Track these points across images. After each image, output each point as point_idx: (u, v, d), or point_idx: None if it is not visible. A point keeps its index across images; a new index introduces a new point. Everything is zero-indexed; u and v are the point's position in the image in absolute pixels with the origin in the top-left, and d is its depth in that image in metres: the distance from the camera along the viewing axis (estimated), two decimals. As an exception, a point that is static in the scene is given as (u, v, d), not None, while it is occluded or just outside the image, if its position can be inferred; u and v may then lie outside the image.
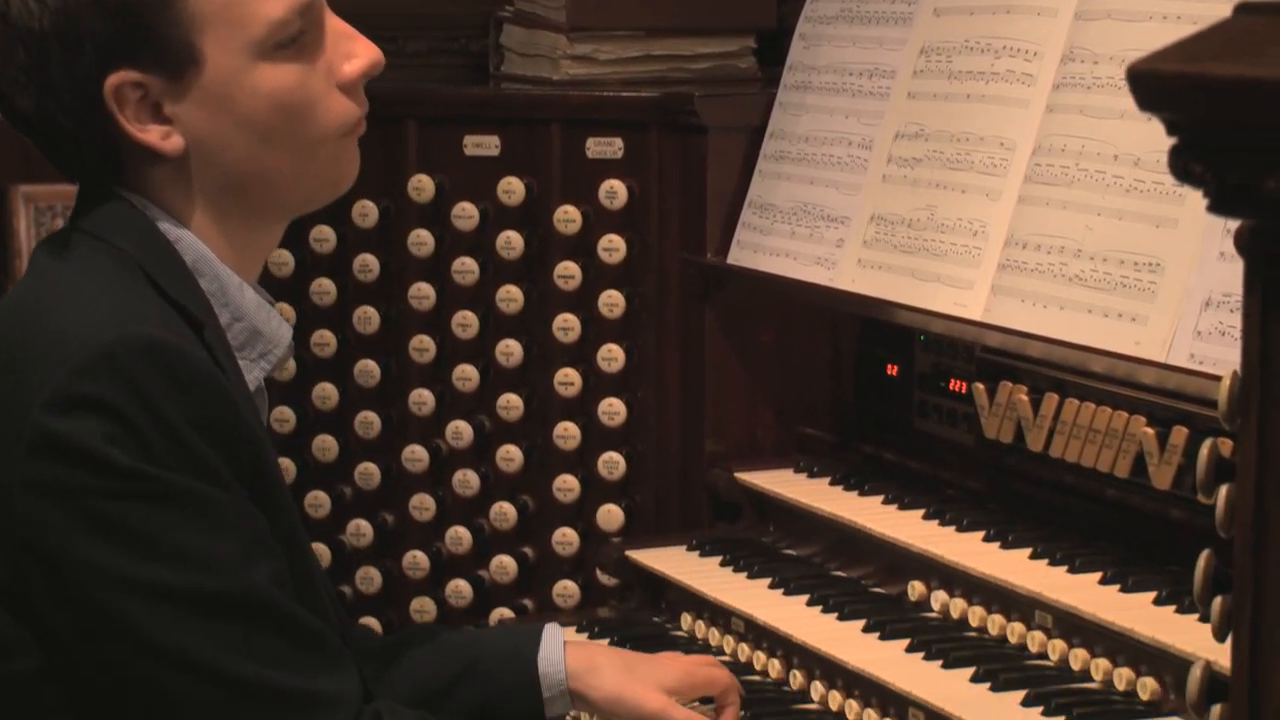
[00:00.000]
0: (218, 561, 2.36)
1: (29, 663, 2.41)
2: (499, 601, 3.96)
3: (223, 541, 2.37)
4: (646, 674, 2.92)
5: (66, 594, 2.36)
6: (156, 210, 2.55)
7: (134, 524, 2.34)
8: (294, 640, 2.40)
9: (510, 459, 3.91)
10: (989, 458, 3.48)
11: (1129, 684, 2.87)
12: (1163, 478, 3.02)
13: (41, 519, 2.35)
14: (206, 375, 2.40)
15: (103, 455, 2.34)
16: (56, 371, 2.36)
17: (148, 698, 2.38)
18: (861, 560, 3.47)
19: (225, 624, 2.36)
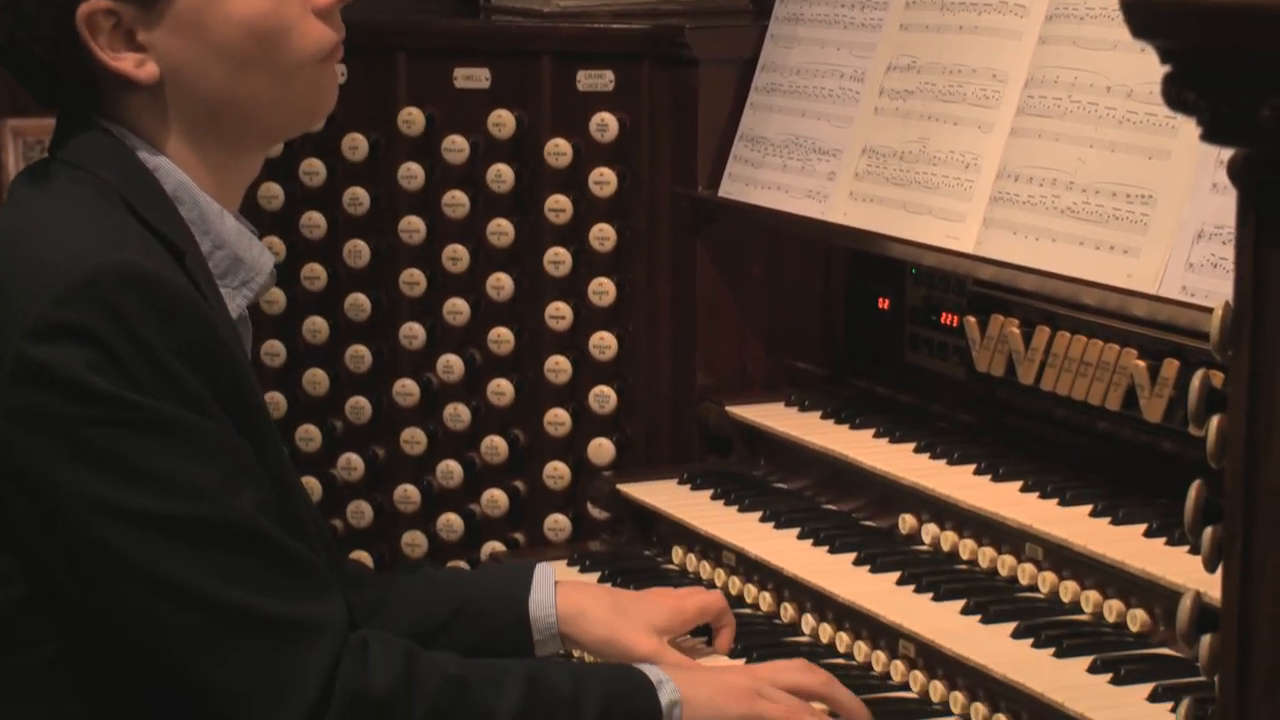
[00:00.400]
0: (201, 488, 2.36)
1: (15, 591, 2.41)
2: (490, 535, 3.96)
3: (206, 468, 2.37)
4: (637, 614, 2.92)
5: (51, 522, 2.36)
6: (134, 139, 2.55)
7: (117, 452, 2.34)
8: (279, 567, 2.40)
9: (501, 393, 3.90)
10: (980, 391, 3.47)
11: (1119, 616, 2.87)
12: (1154, 410, 3.02)
13: (24, 447, 2.35)
14: (188, 302, 2.40)
15: (85, 383, 2.33)
16: (38, 300, 2.35)
17: (133, 625, 2.38)
18: (852, 493, 3.47)
19: (209, 551, 2.36)
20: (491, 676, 2.53)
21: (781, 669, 2.79)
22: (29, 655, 2.42)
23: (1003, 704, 2.79)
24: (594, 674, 2.62)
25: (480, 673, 2.53)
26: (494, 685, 2.52)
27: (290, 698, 2.38)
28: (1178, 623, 1.82)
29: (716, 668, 2.91)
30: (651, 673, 2.64)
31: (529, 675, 2.56)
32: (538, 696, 2.54)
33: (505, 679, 2.53)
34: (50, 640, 2.42)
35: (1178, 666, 2.73)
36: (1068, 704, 2.65)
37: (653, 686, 2.63)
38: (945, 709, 2.87)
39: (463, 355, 3.93)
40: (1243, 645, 1.73)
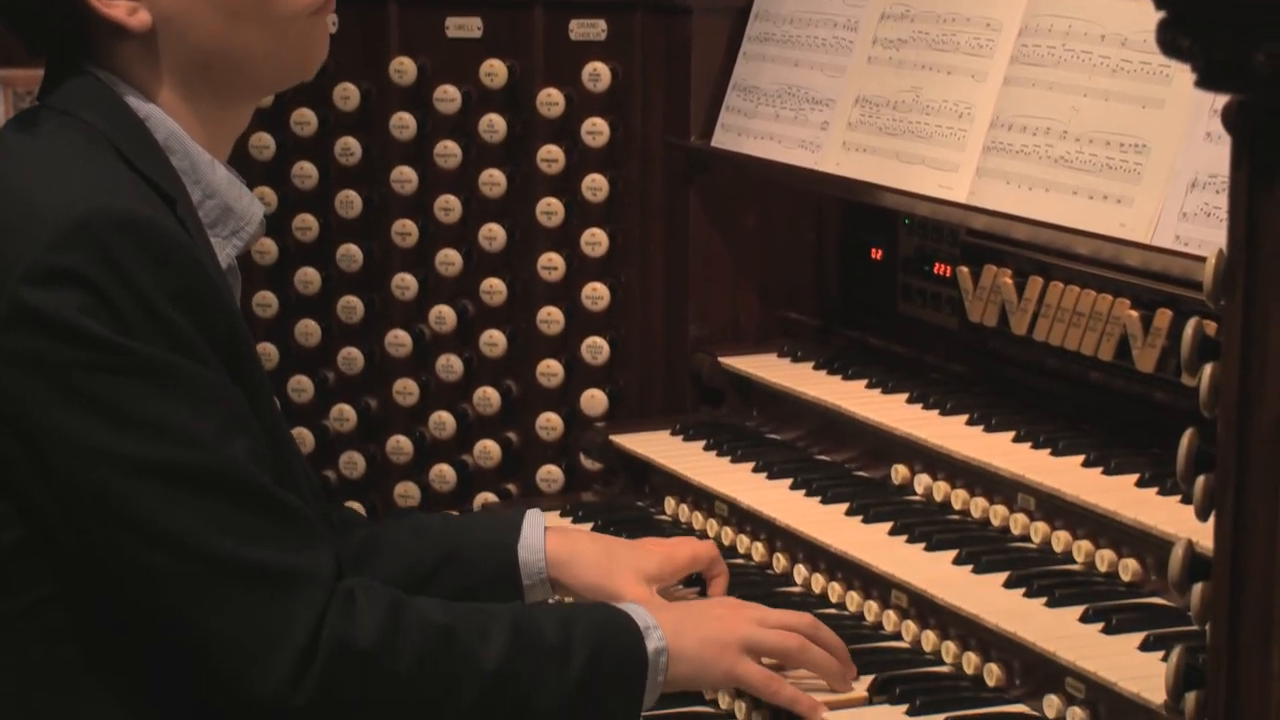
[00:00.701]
0: (195, 436, 2.36)
1: (10, 535, 2.41)
2: (482, 486, 3.96)
3: (200, 415, 2.37)
4: (628, 561, 2.93)
5: (44, 467, 2.37)
6: (125, 87, 2.54)
7: (111, 397, 2.34)
8: (269, 517, 2.40)
9: (494, 344, 3.90)
10: (973, 341, 3.47)
11: (1110, 565, 2.87)
12: (1146, 360, 3.02)
13: (18, 391, 2.35)
14: (182, 248, 2.39)
15: (79, 327, 2.33)
16: (31, 245, 2.35)
17: (126, 572, 2.38)
18: (845, 444, 3.47)
19: (202, 499, 2.36)
20: (478, 624, 2.54)
21: (770, 612, 2.81)
22: (24, 598, 2.43)
23: (994, 653, 2.80)
24: (581, 619, 2.63)
25: (467, 620, 2.54)
26: (480, 632, 2.52)
27: (278, 646, 2.39)
28: (1169, 571, 1.82)
29: (704, 603, 2.91)
30: (639, 617, 2.65)
31: (515, 622, 2.56)
32: (524, 643, 2.54)
33: (491, 626, 2.54)
34: (45, 583, 2.43)
35: (1169, 616, 2.73)
36: (1059, 653, 2.65)
37: (640, 632, 2.63)
38: (937, 658, 2.88)
39: (455, 306, 3.92)
40: (1234, 593, 1.73)
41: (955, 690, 2.79)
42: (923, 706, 2.72)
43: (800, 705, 2.73)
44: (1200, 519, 1.82)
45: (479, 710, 2.51)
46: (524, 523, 2.93)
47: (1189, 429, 1.83)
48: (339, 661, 2.41)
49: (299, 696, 2.39)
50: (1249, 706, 1.73)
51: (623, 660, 2.62)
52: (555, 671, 2.55)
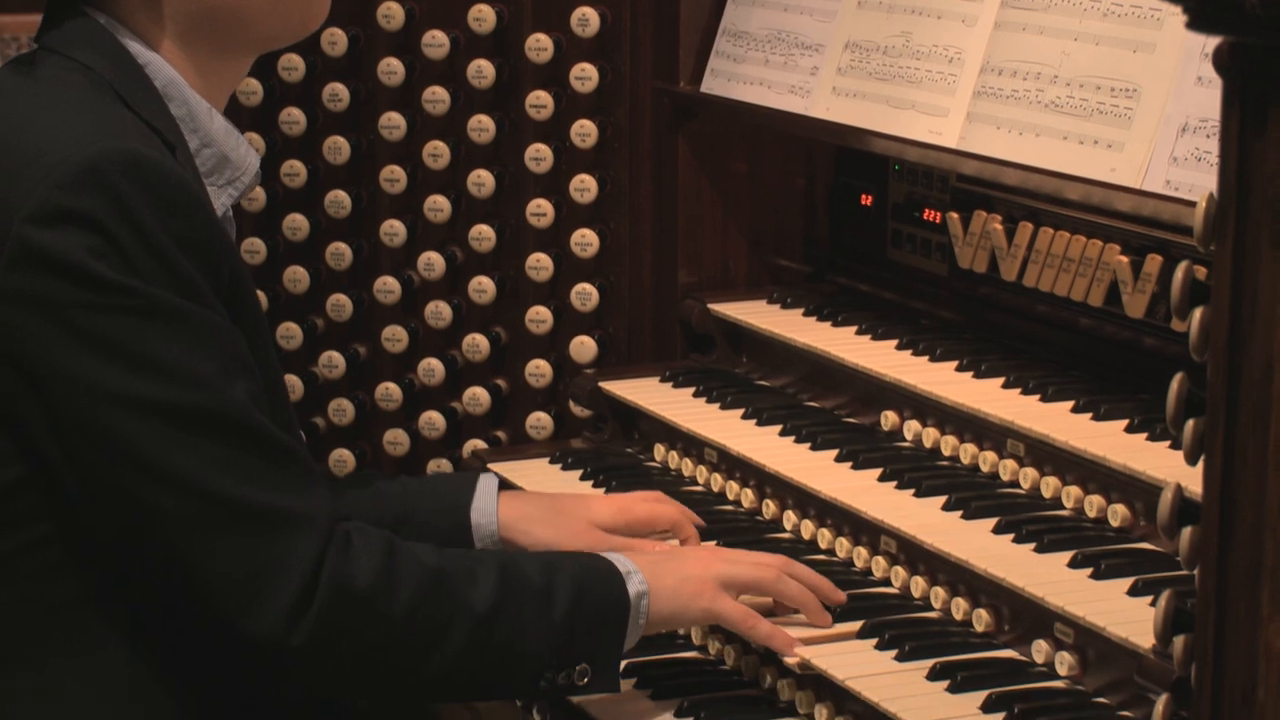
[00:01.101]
0: (198, 377, 2.38)
1: (11, 471, 2.43)
2: (472, 433, 3.96)
3: (203, 358, 2.38)
4: (578, 513, 2.96)
5: (47, 405, 2.38)
6: (125, 32, 2.54)
7: (116, 337, 2.35)
8: (269, 459, 2.42)
9: (483, 290, 3.89)
10: (963, 287, 3.47)
11: (1100, 511, 2.88)
12: (1136, 306, 3.02)
13: (23, 330, 2.36)
14: (189, 191, 2.41)
15: (87, 268, 2.34)
16: (39, 185, 2.36)
17: (125, 509, 2.40)
18: (834, 391, 3.47)
19: (203, 439, 2.38)
20: (466, 567, 2.57)
21: (744, 553, 2.85)
22: (25, 534, 2.44)
23: (983, 599, 2.80)
24: (564, 564, 2.65)
25: (456, 564, 2.56)
26: (469, 576, 2.55)
27: (276, 588, 2.40)
28: (1159, 515, 1.82)
29: (682, 548, 2.93)
30: (620, 563, 2.68)
31: (501, 566, 2.59)
32: (511, 585, 2.57)
33: (479, 570, 2.57)
34: (46, 520, 2.44)
35: (1158, 561, 2.74)
36: (1048, 598, 2.66)
37: (621, 577, 2.66)
38: (926, 604, 2.88)
39: (444, 253, 3.91)
40: (1224, 536, 1.73)
41: (944, 635, 2.79)
42: (911, 652, 2.72)
43: (776, 641, 2.74)
44: (1190, 463, 1.82)
45: (467, 651, 2.53)
46: (476, 487, 2.95)
47: (1179, 373, 1.83)
48: (337, 602, 2.43)
49: (296, 636, 2.41)
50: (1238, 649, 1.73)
51: (605, 603, 2.65)
52: (540, 614, 2.58)
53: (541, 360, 3.88)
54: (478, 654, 2.55)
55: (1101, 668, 2.61)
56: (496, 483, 2.99)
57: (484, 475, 3.00)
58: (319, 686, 2.54)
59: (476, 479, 2.98)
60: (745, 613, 2.75)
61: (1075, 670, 2.64)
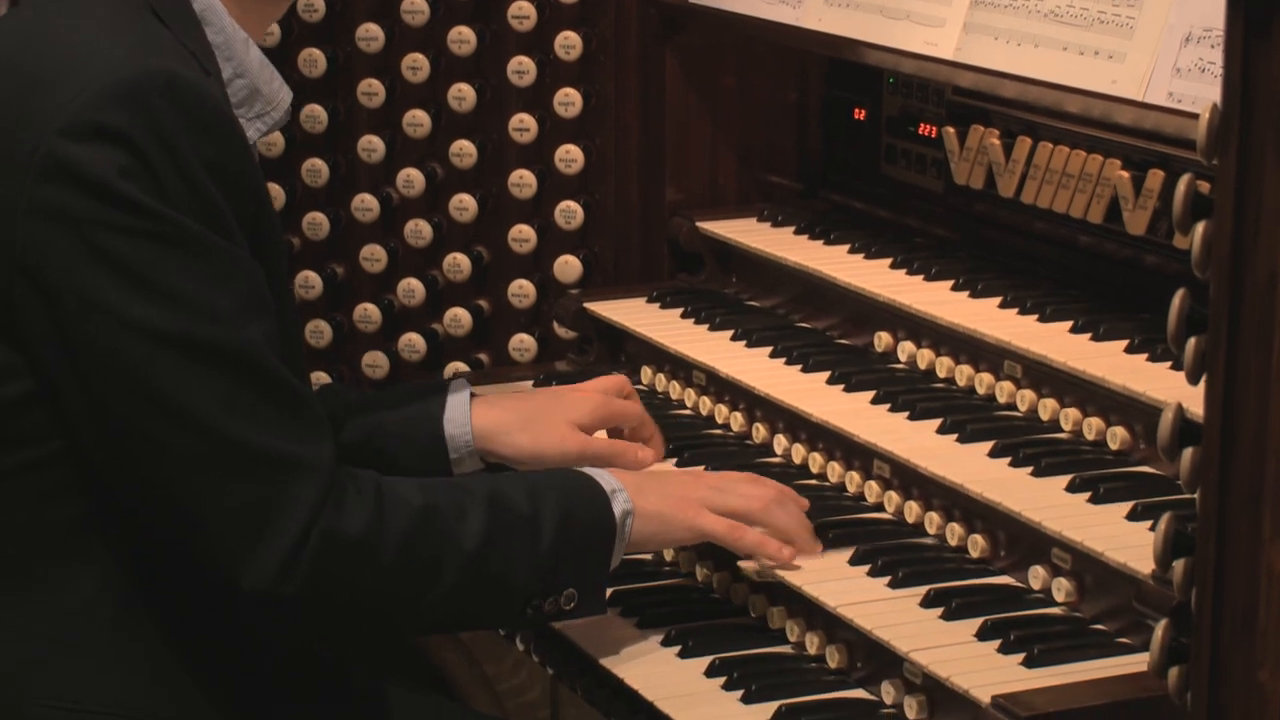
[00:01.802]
0: (216, 311, 2.38)
1: (19, 386, 2.43)
2: (453, 355, 3.95)
3: (223, 292, 2.39)
4: (555, 417, 2.95)
5: (60, 324, 2.38)
6: None
7: (138, 262, 2.35)
8: (280, 403, 2.43)
9: (464, 208, 3.88)
10: (959, 204, 3.46)
11: (1098, 434, 2.88)
12: (1137, 223, 3.01)
13: (45, 245, 2.36)
14: (226, 119, 2.42)
15: (116, 187, 2.34)
16: (74, 99, 2.36)
17: (129, 439, 2.40)
18: (827, 311, 3.47)
19: (215, 375, 2.38)
20: (455, 502, 2.57)
21: (730, 476, 2.85)
22: (32, 451, 2.45)
23: (979, 524, 2.81)
24: (550, 487, 2.67)
25: (444, 500, 2.57)
26: (458, 512, 2.56)
27: (271, 534, 2.41)
28: (1159, 436, 1.82)
29: (665, 471, 2.94)
30: (605, 481, 2.70)
31: (490, 496, 2.60)
32: (499, 518, 2.58)
33: (467, 504, 2.57)
34: (54, 438, 2.44)
35: (1158, 484, 2.74)
36: (1045, 523, 2.67)
37: (607, 497, 2.68)
38: (920, 530, 2.89)
39: (423, 169, 3.90)
40: (1224, 456, 1.73)
41: (939, 562, 2.80)
42: (905, 578, 2.73)
43: (767, 548, 2.75)
44: (1191, 382, 1.82)
45: (458, 589, 2.55)
46: (448, 397, 2.95)
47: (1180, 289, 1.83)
48: (328, 553, 2.44)
49: (287, 585, 2.42)
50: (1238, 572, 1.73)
51: (591, 525, 2.66)
52: (529, 544, 2.59)
53: (525, 280, 3.88)
54: (468, 590, 2.56)
55: (1099, 594, 2.62)
56: (468, 392, 2.98)
57: (454, 383, 2.99)
58: (309, 633, 2.56)
59: (446, 389, 2.97)
60: (730, 525, 2.76)
61: (1072, 597, 2.65)
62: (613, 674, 2.74)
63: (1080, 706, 2.36)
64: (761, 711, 2.62)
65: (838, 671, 2.72)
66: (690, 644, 2.78)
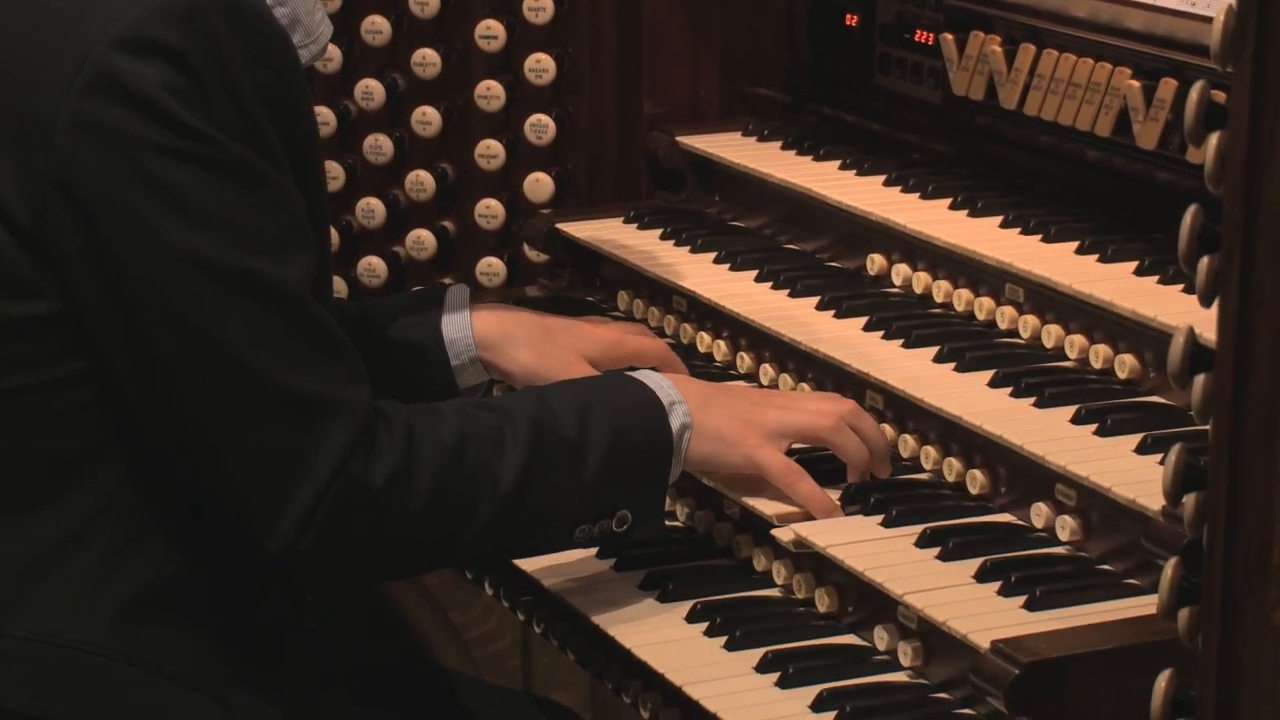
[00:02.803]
0: (259, 242, 2.41)
1: (47, 305, 2.44)
2: (416, 279, 3.95)
3: (268, 224, 2.41)
4: (567, 344, 2.96)
5: (95, 244, 2.39)
6: None
7: (182, 185, 2.37)
8: (318, 344, 2.45)
9: (427, 122, 3.87)
10: (957, 117, 3.46)
11: (1106, 361, 2.89)
12: (1148, 136, 3.01)
13: (86, 161, 2.37)
14: (283, 43, 2.45)
15: (164, 106, 2.35)
16: (131, 10, 2.36)
17: (163, 370, 2.41)
18: (816, 232, 3.47)
19: (257, 309, 2.41)
20: (494, 432, 2.58)
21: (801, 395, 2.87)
22: (55, 370, 2.46)
23: (978, 459, 2.82)
24: (600, 405, 2.66)
25: (481, 430, 2.58)
26: (496, 443, 2.57)
27: (301, 478, 2.43)
28: (1169, 362, 1.82)
29: (732, 386, 2.94)
30: (664, 393, 2.71)
31: (533, 422, 2.60)
32: (542, 448, 2.59)
33: (507, 433, 2.58)
34: (73, 360, 2.45)
35: (1169, 415, 2.75)
36: (1049, 457, 2.67)
37: (665, 411, 2.69)
38: (916, 464, 2.90)
39: (383, 80, 3.89)
40: (1238, 383, 1.73)
41: (935, 499, 2.81)
42: (899, 517, 2.74)
43: (816, 503, 2.75)
44: (1204, 305, 1.82)
45: (492, 526, 2.58)
46: (446, 298, 2.95)
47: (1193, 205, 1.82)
48: (349, 502, 2.46)
49: (306, 535, 2.43)
50: (1252, 506, 1.74)
51: (646, 444, 2.68)
52: (573, 472, 2.62)
53: (493, 200, 3.87)
54: (503, 528, 2.59)
55: (1106, 532, 2.63)
56: (467, 293, 2.99)
57: (452, 289, 2.99)
58: (333, 580, 2.58)
59: (444, 292, 2.98)
60: (787, 466, 2.75)
61: (1078, 535, 2.66)
62: (588, 620, 2.75)
63: (1085, 651, 2.38)
64: (746, 658, 2.63)
65: (827, 616, 2.73)
66: (670, 587, 2.79)
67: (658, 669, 2.63)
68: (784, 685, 2.58)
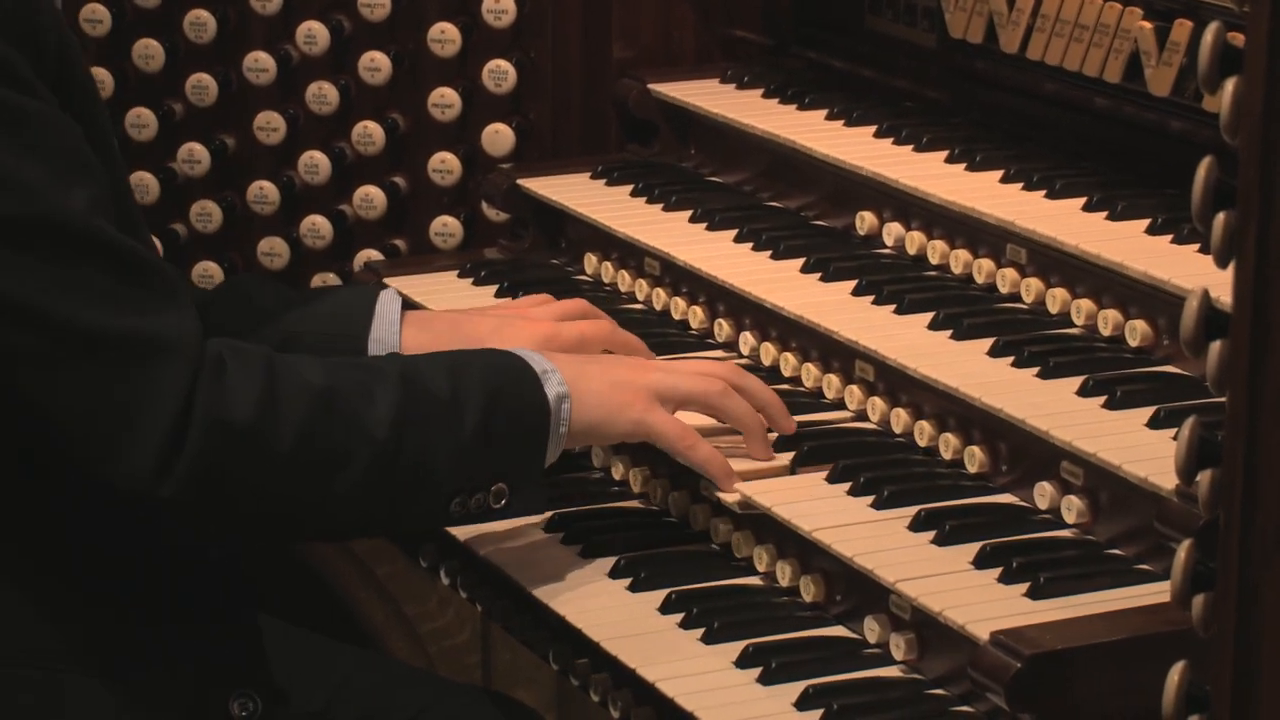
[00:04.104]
0: (25, 184, 2.37)
1: None
2: (365, 241, 3.95)
3: (33, 160, 2.37)
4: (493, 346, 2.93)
5: None
6: None
7: None
8: (121, 274, 2.42)
9: (376, 68, 3.87)
10: (954, 62, 3.47)
11: (1116, 328, 2.90)
12: (1161, 82, 3.02)
13: None
14: None
15: None
16: None
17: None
18: (801, 188, 3.48)
19: (43, 259, 2.38)
20: (361, 384, 2.59)
21: (683, 360, 2.89)
22: None
23: (977, 434, 2.83)
24: (473, 366, 2.69)
25: (349, 380, 2.59)
26: (364, 394, 2.58)
27: (143, 424, 2.42)
28: (1182, 328, 1.83)
29: (609, 356, 2.96)
30: (535, 361, 2.72)
31: (402, 375, 2.62)
32: (413, 400, 2.61)
33: (376, 384, 2.59)
34: None
35: (1184, 386, 2.77)
36: (1053, 431, 2.69)
37: (538, 378, 2.70)
38: (910, 441, 2.91)
39: (327, 22, 3.89)
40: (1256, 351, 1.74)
41: (929, 479, 2.82)
42: (891, 498, 2.75)
43: (714, 467, 2.77)
44: (1219, 265, 1.83)
45: (368, 481, 2.57)
46: (376, 309, 2.94)
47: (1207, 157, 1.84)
48: (214, 439, 2.45)
49: (167, 484, 2.43)
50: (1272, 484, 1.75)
51: (521, 409, 2.69)
52: (449, 429, 2.63)
53: (448, 153, 3.88)
54: (379, 484, 2.59)
55: (1115, 514, 2.64)
56: (399, 305, 2.98)
57: (384, 294, 2.99)
58: (199, 535, 2.57)
59: (375, 299, 2.98)
60: (682, 430, 2.78)
61: (1085, 517, 2.68)
62: (553, 610, 2.76)
63: (1093, 643, 2.38)
64: (725, 652, 2.64)
65: (813, 606, 2.75)
66: (642, 575, 2.80)
67: (629, 664, 2.64)
68: (766, 681, 2.59)
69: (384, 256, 3.91)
